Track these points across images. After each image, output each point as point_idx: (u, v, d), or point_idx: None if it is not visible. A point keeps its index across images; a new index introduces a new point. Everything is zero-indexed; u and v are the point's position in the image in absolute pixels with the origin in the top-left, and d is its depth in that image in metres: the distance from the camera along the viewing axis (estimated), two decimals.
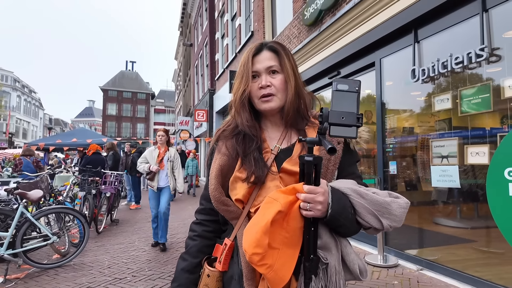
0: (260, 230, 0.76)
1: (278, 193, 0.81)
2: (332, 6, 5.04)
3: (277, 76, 0.96)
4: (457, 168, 3.19)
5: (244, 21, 10.76)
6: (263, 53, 0.97)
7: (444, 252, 3.45)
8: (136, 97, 55.16)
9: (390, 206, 0.84)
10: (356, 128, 0.76)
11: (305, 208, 0.78)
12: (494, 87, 2.89)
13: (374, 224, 0.83)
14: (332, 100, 0.77)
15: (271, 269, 0.77)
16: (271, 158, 0.94)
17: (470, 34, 3.04)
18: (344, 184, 0.87)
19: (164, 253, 4.32)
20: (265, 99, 0.95)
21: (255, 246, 0.75)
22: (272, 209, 0.77)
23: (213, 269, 0.94)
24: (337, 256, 0.86)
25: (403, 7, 3.64)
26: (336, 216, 0.80)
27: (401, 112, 4.11)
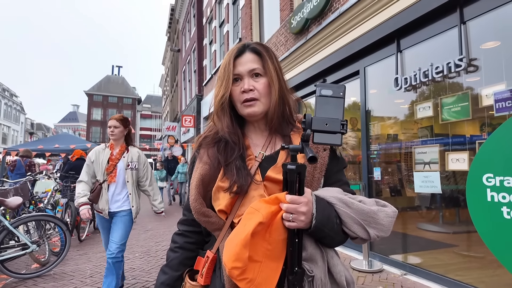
0: (239, 243, 0.72)
1: (261, 203, 0.77)
2: (318, 15, 5.14)
3: (260, 79, 0.91)
4: (438, 174, 3.28)
5: (232, 28, 10.83)
6: (245, 55, 0.92)
7: (427, 256, 3.52)
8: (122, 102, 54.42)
9: (377, 215, 0.80)
10: (340, 135, 0.72)
11: (287, 219, 0.74)
12: (473, 96, 3.00)
13: (360, 234, 0.80)
14: (316, 106, 0.73)
15: (252, 283, 0.73)
16: (255, 165, 0.89)
17: (450, 44, 3.16)
18: (329, 193, 0.83)
19: (148, 261, 4.24)
20: (248, 104, 0.90)
21: (234, 260, 0.71)
22: (253, 220, 0.73)
23: (194, 283, 0.90)
24: (323, 267, 0.82)
25: (386, 18, 3.75)
26: (321, 227, 0.77)
27: (385, 119, 4.20)
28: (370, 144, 4.26)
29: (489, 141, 2.74)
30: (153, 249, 4.85)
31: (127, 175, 2.87)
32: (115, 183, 2.84)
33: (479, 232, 2.85)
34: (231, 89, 0.91)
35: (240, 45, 0.94)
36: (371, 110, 4.31)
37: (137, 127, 53.28)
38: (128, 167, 2.89)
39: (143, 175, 2.97)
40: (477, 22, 2.96)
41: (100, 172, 2.85)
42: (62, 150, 9.32)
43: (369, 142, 4.27)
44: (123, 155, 2.89)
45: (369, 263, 3.71)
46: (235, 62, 0.91)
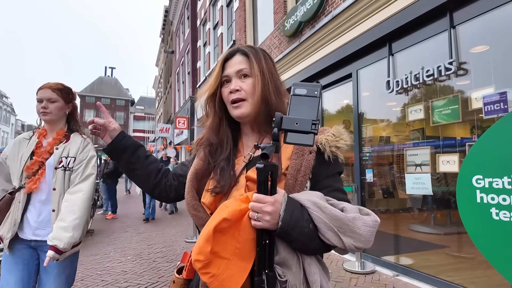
0: (203, 237, 0.72)
1: (232, 201, 0.77)
2: (311, 18, 5.18)
3: (247, 80, 0.91)
4: (429, 176, 3.32)
5: (226, 30, 10.85)
6: (235, 57, 0.94)
7: (419, 257, 3.55)
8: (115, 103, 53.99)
9: (353, 223, 0.75)
10: (313, 135, 0.70)
11: (253, 217, 0.73)
12: (463, 98, 3.05)
13: (334, 242, 0.75)
14: (290, 105, 0.72)
15: (214, 278, 0.72)
16: (241, 166, 0.90)
17: (440, 48, 3.21)
18: (306, 196, 0.79)
19: (141, 264, 4.20)
20: (235, 105, 0.91)
21: (198, 253, 0.72)
22: (217, 216, 0.74)
23: (178, 276, 0.94)
24: (299, 274, 0.78)
25: (378, 21, 3.79)
26: (288, 230, 0.73)
27: (377, 121, 4.24)
28: (363, 146, 4.30)
29: (479, 143, 2.78)
30: (145, 251, 4.81)
31: (54, 179, 1.68)
32: (38, 191, 1.68)
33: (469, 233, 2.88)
34: (222, 91, 0.94)
35: (233, 48, 0.96)
36: (363, 112, 4.35)
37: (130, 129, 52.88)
38: (59, 165, 1.70)
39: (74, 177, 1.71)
40: (466, 26, 3.02)
41: (16, 174, 1.70)
42: None
43: (362, 144, 4.31)
44: (56, 147, 1.73)
45: (361, 264, 3.73)
46: (225, 65, 0.94)
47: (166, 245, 5.17)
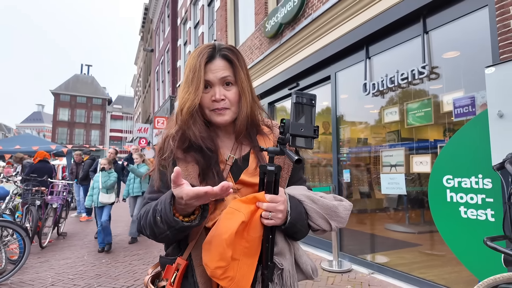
0: (224, 243, 0.73)
1: (239, 203, 0.79)
2: (291, 20, 5.23)
3: (232, 88, 0.90)
4: (403, 176, 3.42)
5: (207, 29, 10.77)
6: (216, 61, 0.89)
7: (394, 256, 3.65)
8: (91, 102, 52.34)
9: (338, 209, 0.88)
10: (312, 139, 0.78)
11: (267, 217, 0.78)
12: (435, 102, 3.16)
13: (324, 226, 0.87)
14: (292, 112, 0.79)
15: (232, 281, 0.76)
16: (226, 169, 0.91)
17: (414, 52, 3.32)
18: (298, 191, 0.90)
19: (116, 267, 4.08)
20: (219, 112, 0.89)
21: (219, 260, 0.73)
22: (235, 220, 0.75)
23: None
24: (291, 260, 0.88)
25: (355, 25, 3.88)
26: (294, 223, 0.82)
27: (354, 123, 4.34)
28: (341, 147, 4.38)
29: (448, 145, 2.91)
30: (121, 254, 4.67)
31: None
32: None
33: (439, 231, 3.01)
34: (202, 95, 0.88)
35: (210, 48, 0.90)
36: (341, 114, 4.44)
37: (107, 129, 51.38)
38: None
39: None
40: (438, 32, 3.14)
41: None
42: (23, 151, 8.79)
43: (340, 145, 4.39)
44: None
45: (338, 263, 3.79)
46: (205, 68, 0.87)
47: (142, 248, 5.05)
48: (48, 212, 5.42)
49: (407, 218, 3.64)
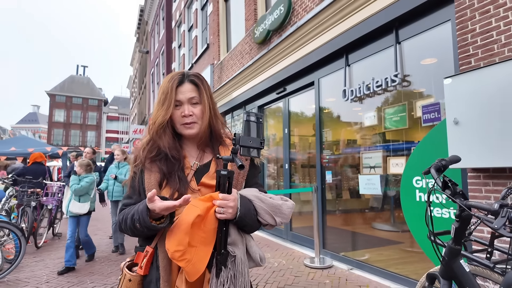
0: (182, 231, 0.93)
1: (198, 201, 1.00)
2: (278, 28, 5.43)
3: (197, 106, 1.11)
4: (379, 177, 3.64)
5: (201, 33, 10.94)
6: (185, 84, 1.11)
7: (374, 253, 3.85)
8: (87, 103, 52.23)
9: (282, 208, 1.09)
10: (259, 150, 1.02)
11: (219, 212, 0.97)
12: (409, 107, 3.37)
13: (270, 221, 1.08)
14: (244, 128, 1.02)
15: (189, 263, 0.95)
16: (191, 173, 1.10)
17: (388, 61, 3.54)
18: (249, 192, 1.09)
19: (109, 265, 4.25)
20: (188, 126, 1.11)
21: (177, 245, 0.93)
22: (192, 214, 0.95)
23: (134, 274, 1.05)
24: (243, 249, 1.06)
25: (336, 34, 4.09)
26: (243, 217, 1.01)
27: (336, 127, 4.54)
28: (323, 150, 4.59)
29: (417, 149, 3.14)
30: (114, 254, 4.84)
31: None
32: None
33: (409, 228, 3.23)
34: (173, 112, 1.10)
35: (180, 75, 1.12)
36: (324, 118, 4.65)
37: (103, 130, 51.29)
38: None
39: None
40: (410, 42, 3.35)
41: None
42: (19, 153, 8.91)
43: (322, 147, 4.60)
44: None
45: (320, 260, 4.00)
46: (176, 90, 1.09)
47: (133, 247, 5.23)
48: (43, 213, 5.57)
49: (392, 217, 3.83)
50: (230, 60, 7.79)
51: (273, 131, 6.39)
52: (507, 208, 0.98)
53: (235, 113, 8.00)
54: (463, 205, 1.12)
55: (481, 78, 2.30)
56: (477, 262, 1.44)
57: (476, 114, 2.32)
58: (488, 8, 2.49)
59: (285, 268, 3.89)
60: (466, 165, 2.43)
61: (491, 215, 1.04)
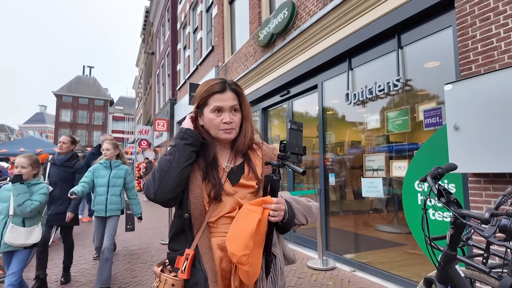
0: (248, 235, 0.95)
1: (252, 205, 1.03)
2: (282, 31, 5.49)
3: (237, 114, 1.15)
4: (381, 180, 3.68)
5: (206, 35, 11.03)
6: (227, 93, 1.13)
7: (377, 255, 3.88)
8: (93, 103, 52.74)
9: (311, 208, 1.20)
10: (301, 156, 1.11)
11: (274, 215, 1.02)
12: (411, 111, 3.41)
13: (303, 222, 1.18)
14: (288, 135, 1.09)
15: (251, 266, 0.97)
16: (224, 175, 1.13)
17: (390, 66, 3.58)
18: (286, 195, 1.19)
19: (115, 265, 4.34)
20: (227, 131, 1.13)
21: (244, 249, 0.94)
22: (254, 218, 0.98)
23: (177, 278, 1.05)
24: (280, 249, 1.15)
25: (339, 38, 4.14)
26: (290, 219, 1.09)
27: (339, 130, 4.59)
28: (326, 152, 4.64)
29: (419, 153, 3.17)
30: (120, 253, 4.93)
31: None
32: None
33: (411, 231, 3.27)
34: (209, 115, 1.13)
35: (222, 82, 1.15)
36: (327, 121, 4.69)
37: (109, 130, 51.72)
38: None
39: None
40: (412, 47, 3.39)
41: None
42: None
43: (326, 150, 4.64)
44: None
45: (323, 261, 4.05)
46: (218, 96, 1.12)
47: (141, 247, 5.32)
48: None
49: (396, 219, 3.85)
50: (235, 63, 7.86)
51: (277, 132, 6.45)
52: (497, 217, 1.03)
53: None
54: (456, 213, 1.17)
55: (481, 84, 2.34)
56: (473, 267, 1.48)
57: (476, 120, 2.36)
58: (489, 15, 2.53)
59: (288, 269, 3.94)
60: (467, 170, 2.47)
61: (483, 223, 1.09)
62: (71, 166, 3.69)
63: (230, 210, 1.10)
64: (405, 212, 3.30)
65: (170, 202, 1.09)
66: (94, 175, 3.48)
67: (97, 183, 3.48)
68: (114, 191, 3.50)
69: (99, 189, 3.48)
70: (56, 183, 3.56)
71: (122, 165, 3.62)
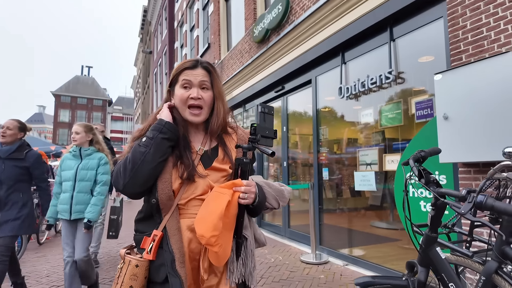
0: (217, 217, 0.94)
1: (222, 188, 1.01)
2: (277, 26, 5.47)
3: (207, 92, 1.11)
4: (373, 173, 3.66)
5: (202, 32, 11.02)
6: (198, 69, 1.11)
7: (371, 250, 3.86)
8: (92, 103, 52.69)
9: (283, 192, 1.18)
10: (272, 139, 1.09)
11: (243, 197, 1.01)
12: (404, 104, 3.39)
13: (275, 205, 1.15)
14: (258, 119, 1.07)
15: (221, 247, 0.97)
16: (197, 158, 1.11)
17: (382, 59, 3.56)
18: (258, 179, 1.15)
19: (108, 260, 4.33)
20: (195, 113, 1.10)
21: (213, 230, 0.93)
22: (224, 200, 0.97)
23: (142, 259, 1.03)
24: (251, 232, 1.14)
25: (332, 32, 4.12)
26: (261, 202, 1.07)
27: (333, 124, 4.57)
28: (320, 147, 4.62)
29: (410, 144, 3.16)
30: (114, 250, 4.92)
31: None
32: None
33: (403, 223, 3.24)
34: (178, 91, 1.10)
35: (194, 60, 1.13)
36: (321, 116, 4.68)
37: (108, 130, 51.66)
38: None
39: None
40: (405, 39, 3.37)
41: None
42: None
43: (319, 144, 4.63)
44: None
45: (316, 256, 4.03)
46: (186, 71, 1.11)
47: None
48: None
49: (392, 214, 3.83)
50: (230, 59, 7.85)
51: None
52: (473, 194, 1.02)
53: (235, 112, 8.05)
54: (435, 192, 1.16)
55: (470, 73, 2.33)
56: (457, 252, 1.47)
57: (465, 109, 2.34)
58: (479, 4, 2.51)
59: (281, 263, 3.93)
60: (456, 160, 2.46)
61: (460, 200, 1.07)
62: (22, 159, 2.81)
63: (202, 193, 1.08)
64: (397, 205, 3.29)
65: (139, 196, 1.06)
66: (61, 168, 2.79)
67: (63, 177, 2.76)
68: (82, 186, 2.70)
69: (64, 184, 2.75)
70: (2, 182, 2.72)
71: (95, 153, 2.85)
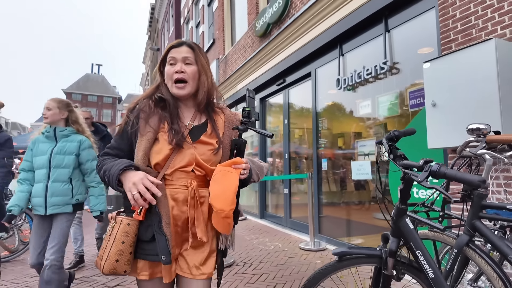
0: (232, 192, 1.09)
1: (226, 166, 1.14)
2: (278, 20, 5.56)
3: (191, 67, 1.18)
4: (369, 162, 3.75)
5: (208, 28, 11.14)
6: (182, 47, 1.20)
7: (370, 238, 3.94)
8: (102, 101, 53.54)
9: (263, 169, 1.35)
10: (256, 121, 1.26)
11: (244, 173, 1.15)
12: (400, 95, 3.46)
13: (255, 179, 1.28)
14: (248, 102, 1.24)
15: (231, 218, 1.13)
16: (186, 131, 1.19)
17: (378, 50, 3.63)
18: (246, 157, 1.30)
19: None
20: (180, 86, 1.17)
21: (231, 204, 1.08)
22: (235, 177, 1.11)
23: (133, 219, 1.11)
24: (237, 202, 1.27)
25: (330, 25, 4.19)
26: (252, 177, 1.23)
27: (332, 116, 4.65)
28: (319, 138, 4.71)
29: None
30: None
31: None
32: None
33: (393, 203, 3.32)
34: (167, 69, 1.19)
35: (181, 40, 1.23)
36: (320, 107, 4.76)
37: None
38: None
39: None
40: (399, 30, 3.43)
41: None
42: None
43: (318, 136, 4.72)
44: None
45: (315, 243, 4.14)
46: (172, 50, 1.20)
47: None
48: None
49: None
50: (234, 54, 7.96)
51: (276, 123, 6.53)
52: (429, 163, 1.12)
53: (239, 106, 8.17)
54: (398, 165, 1.26)
55: (456, 61, 2.39)
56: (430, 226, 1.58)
57: (452, 96, 2.41)
58: None
59: (280, 250, 4.06)
60: (444, 145, 2.53)
61: (418, 170, 1.18)
62: None
63: (187, 164, 1.16)
64: (391, 194, 3.37)
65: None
66: (33, 153, 2.30)
67: (35, 163, 2.27)
68: (59, 174, 2.26)
69: (37, 172, 2.27)
70: None
71: (74, 135, 2.38)
